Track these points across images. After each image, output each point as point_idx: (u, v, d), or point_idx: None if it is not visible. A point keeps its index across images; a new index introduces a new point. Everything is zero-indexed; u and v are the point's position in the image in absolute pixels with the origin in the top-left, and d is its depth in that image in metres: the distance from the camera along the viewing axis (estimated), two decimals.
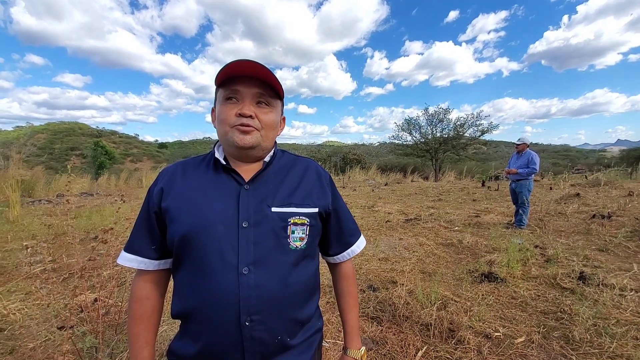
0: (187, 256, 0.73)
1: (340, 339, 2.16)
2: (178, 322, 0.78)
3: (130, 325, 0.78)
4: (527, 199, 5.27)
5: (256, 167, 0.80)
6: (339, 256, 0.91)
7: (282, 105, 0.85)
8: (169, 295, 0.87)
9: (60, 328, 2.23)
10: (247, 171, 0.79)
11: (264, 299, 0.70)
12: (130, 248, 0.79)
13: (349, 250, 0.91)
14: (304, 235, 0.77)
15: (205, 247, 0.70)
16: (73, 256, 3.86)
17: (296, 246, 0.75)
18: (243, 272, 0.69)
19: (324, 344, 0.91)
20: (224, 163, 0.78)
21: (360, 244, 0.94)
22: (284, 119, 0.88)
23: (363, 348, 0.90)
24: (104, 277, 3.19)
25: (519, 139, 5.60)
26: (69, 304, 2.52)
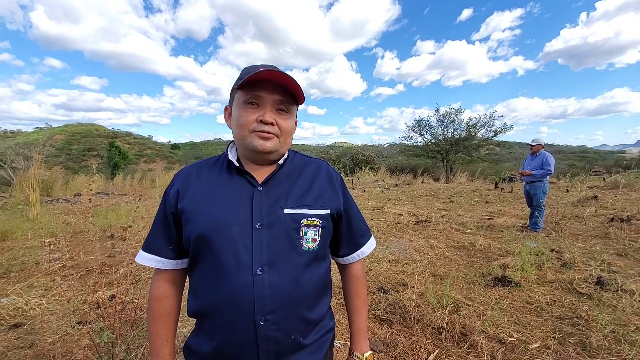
0: (202, 256, 0.75)
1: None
2: (192, 319, 0.80)
3: (151, 323, 0.80)
4: (542, 202, 5.14)
5: (269, 169, 0.82)
6: (348, 257, 0.91)
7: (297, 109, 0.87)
8: (184, 293, 0.89)
9: (78, 323, 2.30)
10: (260, 173, 0.80)
11: (278, 299, 0.71)
12: (148, 247, 0.81)
13: (359, 252, 0.91)
14: (316, 237, 0.78)
15: (220, 247, 0.72)
16: (90, 254, 3.99)
17: (309, 247, 0.77)
18: (257, 272, 0.71)
19: (335, 344, 0.91)
20: (237, 165, 0.79)
21: (371, 245, 0.94)
22: (296, 121, 0.89)
23: (368, 352, 0.89)
24: (120, 274, 3.28)
25: (533, 140, 5.46)
26: (87, 300, 2.60)
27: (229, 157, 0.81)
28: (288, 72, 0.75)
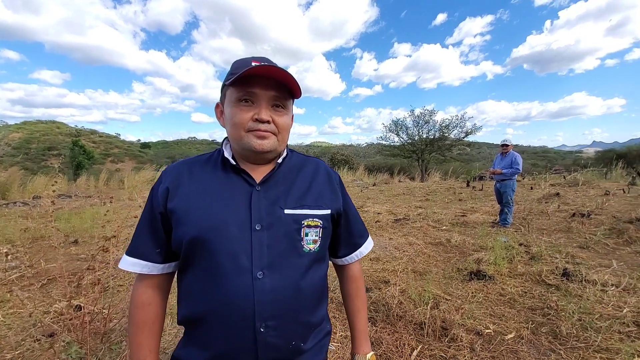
0: (197, 259, 0.70)
1: (342, 342, 2.15)
2: (171, 328, 0.75)
3: (133, 332, 0.74)
4: (511, 199, 5.43)
5: (267, 168, 0.78)
6: (347, 257, 0.89)
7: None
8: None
9: (41, 337, 2.11)
10: (258, 172, 0.76)
11: (279, 304, 0.68)
12: (133, 251, 0.75)
13: (357, 252, 0.90)
14: (317, 238, 0.75)
15: (218, 250, 0.67)
16: (52, 261, 3.69)
17: (309, 249, 0.74)
18: (258, 276, 0.67)
19: (329, 347, 0.90)
20: (234, 163, 0.75)
21: (369, 244, 0.93)
22: (292, 116, 0.86)
23: (371, 353, 0.88)
24: (87, 283, 3.06)
25: (504, 140, 5.77)
26: (50, 312, 2.40)
27: (225, 155, 0.76)
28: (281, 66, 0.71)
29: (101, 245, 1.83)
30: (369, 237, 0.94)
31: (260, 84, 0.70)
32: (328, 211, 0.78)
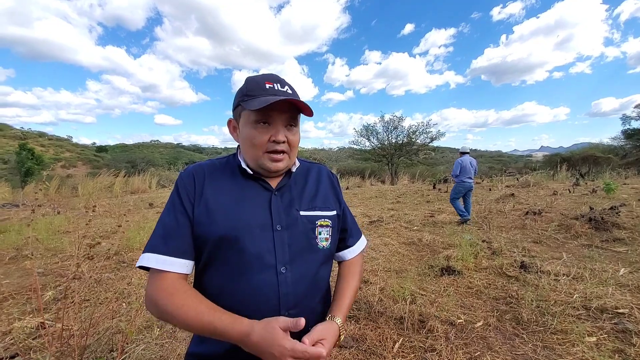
0: (222, 257, 0.74)
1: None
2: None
3: (176, 313, 0.66)
4: (452, 198, 6.09)
5: (280, 175, 0.85)
6: (341, 253, 0.96)
7: None
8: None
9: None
10: (273, 179, 0.83)
11: (299, 295, 0.76)
12: (170, 249, 0.72)
13: (352, 248, 0.97)
14: (328, 236, 0.84)
15: (245, 248, 0.73)
16: (3, 277, 3.35)
17: (323, 246, 0.83)
18: (281, 271, 0.74)
19: None
20: (251, 173, 0.81)
21: (362, 242, 1.01)
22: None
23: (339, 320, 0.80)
24: (48, 298, 2.83)
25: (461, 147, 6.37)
26: (9, 332, 2.19)
27: (243, 166, 0.81)
28: (294, 86, 0.78)
29: (87, 253, 1.74)
30: (362, 236, 1.01)
31: (277, 108, 0.74)
32: (334, 212, 0.88)
